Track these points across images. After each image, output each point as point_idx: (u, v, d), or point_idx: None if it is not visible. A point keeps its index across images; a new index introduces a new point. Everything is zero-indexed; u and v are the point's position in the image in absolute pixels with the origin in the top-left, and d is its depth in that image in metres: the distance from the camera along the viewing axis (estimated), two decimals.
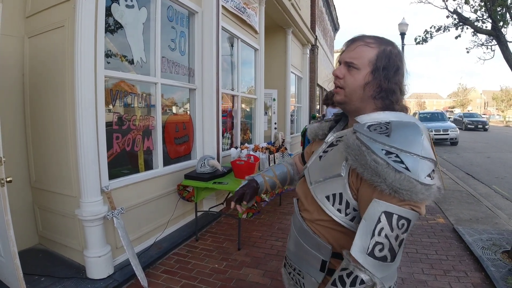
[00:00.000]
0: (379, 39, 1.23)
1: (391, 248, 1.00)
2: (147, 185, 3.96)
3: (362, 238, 1.01)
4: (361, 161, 1.03)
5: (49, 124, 3.50)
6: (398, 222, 0.99)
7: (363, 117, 1.20)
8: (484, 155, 13.21)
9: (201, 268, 3.58)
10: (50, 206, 3.63)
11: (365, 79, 1.19)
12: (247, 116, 7.56)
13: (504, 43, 3.92)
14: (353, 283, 1.02)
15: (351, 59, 1.20)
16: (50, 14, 3.34)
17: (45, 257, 3.61)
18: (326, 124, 1.47)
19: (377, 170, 0.99)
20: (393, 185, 0.97)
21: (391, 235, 0.99)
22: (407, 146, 1.02)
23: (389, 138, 1.04)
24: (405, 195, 0.96)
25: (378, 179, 0.99)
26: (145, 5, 3.98)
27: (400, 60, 1.20)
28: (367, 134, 1.06)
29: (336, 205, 1.16)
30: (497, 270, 3.48)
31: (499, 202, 6.51)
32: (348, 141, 1.09)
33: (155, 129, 4.15)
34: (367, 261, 1.00)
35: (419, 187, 0.96)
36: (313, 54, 13.28)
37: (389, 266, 1.02)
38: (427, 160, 1.01)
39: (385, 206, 0.99)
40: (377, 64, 1.17)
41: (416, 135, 1.05)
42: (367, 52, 1.19)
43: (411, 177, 0.96)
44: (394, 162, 0.98)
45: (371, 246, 0.99)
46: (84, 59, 2.98)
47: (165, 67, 4.35)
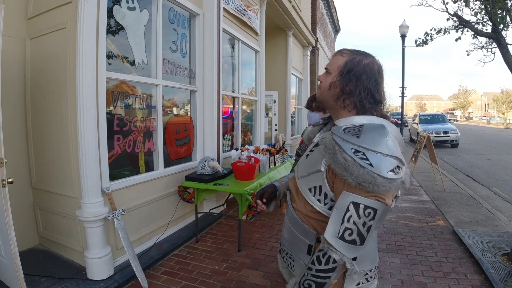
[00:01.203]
0: (355, 51, 1.42)
1: (359, 233, 1.18)
2: (148, 186, 3.97)
3: (333, 224, 1.22)
4: (334, 159, 1.21)
5: (50, 125, 3.50)
6: (364, 211, 1.17)
7: (341, 121, 1.39)
8: (484, 157, 13.21)
9: (201, 270, 3.59)
10: (51, 207, 3.63)
11: (331, 80, 1.38)
12: (247, 117, 7.57)
13: (505, 46, 3.92)
14: (327, 262, 1.23)
15: (327, 66, 1.43)
16: (52, 15, 3.35)
17: (45, 258, 3.62)
18: (316, 128, 1.67)
19: (346, 166, 1.16)
20: (358, 179, 1.14)
21: (358, 222, 1.17)
22: (372, 145, 1.19)
23: (358, 139, 1.22)
24: (368, 187, 1.14)
25: (346, 174, 1.16)
26: (146, 7, 4.00)
27: (367, 69, 1.35)
28: (341, 135, 1.25)
29: (316, 196, 1.36)
30: (497, 272, 3.48)
31: (499, 204, 6.50)
32: (326, 142, 1.27)
33: (156, 130, 4.16)
34: (338, 244, 1.20)
35: (380, 180, 1.13)
36: (313, 56, 13.30)
37: (359, 249, 1.21)
38: (390, 158, 1.18)
39: (353, 197, 1.18)
40: (343, 69, 1.36)
41: (382, 136, 1.23)
42: (339, 60, 1.39)
43: (373, 172, 1.13)
44: (360, 159, 1.16)
45: (341, 231, 1.19)
46: (85, 61, 2.99)
47: (166, 69, 4.37)
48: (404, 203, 6.32)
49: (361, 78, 1.33)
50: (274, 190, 1.76)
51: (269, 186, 1.77)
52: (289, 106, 10.32)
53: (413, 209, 5.92)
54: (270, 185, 1.79)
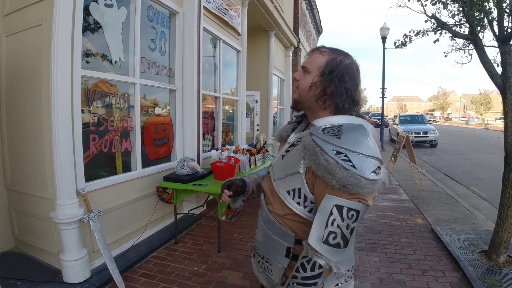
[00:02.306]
0: (334, 49, 1.39)
1: (343, 236, 1.15)
2: (125, 187, 3.89)
3: (317, 229, 1.17)
4: (315, 161, 1.17)
5: (25, 125, 3.41)
6: (348, 213, 1.14)
7: (319, 120, 1.35)
8: (463, 157, 13.49)
9: (180, 271, 3.54)
10: (26, 209, 3.54)
11: (312, 80, 1.35)
12: (229, 117, 7.54)
13: (481, 47, 3.99)
14: (312, 268, 1.18)
15: (305, 64, 1.39)
16: (28, 12, 3.27)
17: (21, 261, 3.54)
18: (289, 126, 1.62)
19: (328, 168, 1.13)
20: (342, 181, 1.11)
21: (342, 224, 1.14)
22: (354, 146, 1.17)
23: (339, 140, 1.18)
24: (352, 189, 1.11)
25: (329, 176, 1.13)
26: (124, 5, 3.92)
27: (349, 70, 1.34)
28: (321, 136, 1.21)
29: (296, 198, 1.31)
30: (475, 270, 3.54)
31: (477, 202, 6.64)
32: (305, 143, 1.22)
33: (133, 130, 4.08)
34: (323, 248, 1.16)
35: (364, 182, 1.11)
36: (296, 57, 13.34)
37: (343, 251, 1.18)
38: (372, 159, 1.16)
39: (336, 200, 1.14)
40: (324, 69, 1.33)
41: (363, 137, 1.21)
42: (319, 58, 1.36)
43: (357, 174, 1.11)
44: (343, 161, 1.13)
45: (326, 235, 1.15)
46: (60, 59, 2.93)
47: (144, 67, 4.30)
48: (384, 202, 6.39)
49: (343, 79, 1.32)
50: (243, 184, 1.71)
51: (238, 179, 1.72)
52: (271, 107, 10.32)
53: (393, 208, 5.99)
54: (239, 178, 1.74)
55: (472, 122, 56.82)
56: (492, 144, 18.72)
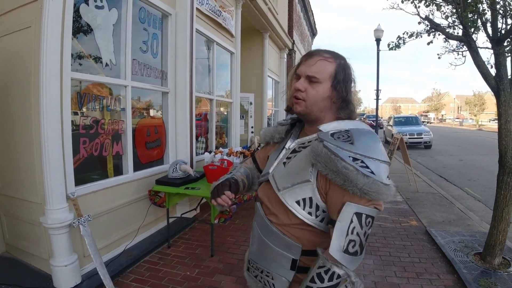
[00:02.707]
0: (334, 53, 1.36)
1: (361, 244, 1.16)
2: (117, 191, 3.84)
3: (338, 238, 1.15)
4: (332, 168, 1.14)
5: (15, 127, 3.37)
6: (366, 220, 1.15)
7: (325, 125, 1.30)
8: (457, 158, 13.54)
9: (173, 276, 3.49)
10: (17, 213, 3.50)
11: (328, 91, 1.30)
12: (223, 119, 7.51)
13: (475, 49, 3.98)
14: (330, 278, 1.16)
15: (313, 73, 1.30)
16: (17, 14, 3.24)
17: (11, 266, 3.51)
18: (282, 128, 1.56)
19: (349, 176, 1.11)
20: (364, 188, 1.10)
21: (361, 232, 1.15)
22: (369, 152, 1.17)
23: (353, 146, 1.17)
24: (374, 196, 1.11)
25: (350, 184, 1.11)
26: (115, 6, 3.88)
27: (353, 74, 1.35)
28: (333, 142, 1.18)
29: (307, 208, 1.26)
30: (469, 272, 3.52)
31: (471, 204, 6.65)
32: (316, 149, 1.19)
33: (124, 133, 4.03)
34: (344, 258, 1.15)
35: (383, 188, 1.12)
36: (290, 59, 13.35)
37: (359, 259, 1.18)
38: (385, 164, 1.18)
39: (356, 207, 1.14)
40: (337, 77, 1.30)
41: (375, 142, 1.22)
42: (327, 66, 1.31)
43: (377, 180, 1.11)
44: (362, 168, 1.12)
45: (346, 244, 1.14)
46: (49, 61, 2.89)
47: (136, 70, 4.25)
48: None
49: (351, 85, 1.33)
50: (236, 182, 1.55)
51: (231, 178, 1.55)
52: (265, 109, 10.29)
53: (387, 209, 5.96)
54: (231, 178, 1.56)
55: (466, 123, 57.21)
56: (486, 145, 18.80)
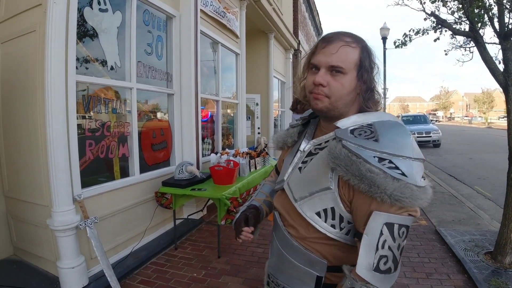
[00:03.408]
0: (355, 36, 1.15)
1: (394, 259, 0.97)
2: (123, 193, 3.85)
3: (367, 255, 0.98)
4: (354, 172, 0.96)
5: (21, 131, 3.40)
6: (399, 231, 0.96)
7: (343, 121, 1.12)
8: (466, 157, 13.40)
9: (179, 278, 3.49)
10: (24, 216, 3.52)
11: (353, 83, 1.11)
12: (229, 121, 7.51)
13: (482, 44, 3.93)
14: None
15: (337, 63, 1.09)
16: (22, 19, 3.27)
17: (19, 269, 3.52)
18: (294, 130, 1.39)
19: (375, 180, 0.93)
20: (395, 195, 0.92)
21: (393, 245, 0.96)
22: (398, 149, 0.97)
23: (378, 144, 0.98)
24: (408, 202, 0.92)
25: (378, 190, 0.93)
26: (119, 9, 3.89)
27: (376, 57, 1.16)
28: (353, 141, 1.00)
29: (329, 220, 1.09)
30: (480, 272, 3.46)
31: (481, 202, 6.56)
32: (334, 151, 1.01)
33: (130, 135, 4.05)
34: (375, 277, 0.97)
35: (418, 192, 0.93)
36: (296, 59, 13.30)
37: (393, 276, 0.99)
38: (419, 161, 0.98)
39: (386, 217, 0.95)
40: (364, 64, 1.11)
41: (405, 136, 1.02)
42: (351, 53, 1.10)
43: (410, 183, 0.92)
44: (390, 169, 0.94)
45: (376, 261, 0.96)
46: (54, 64, 2.91)
47: (141, 72, 4.26)
48: None
49: (375, 70, 1.15)
50: (257, 212, 1.45)
51: (250, 208, 1.46)
52: (271, 109, 10.27)
53: None
54: (251, 207, 1.48)
55: (475, 121, 56.69)
56: (496, 143, 18.60)
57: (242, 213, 1.44)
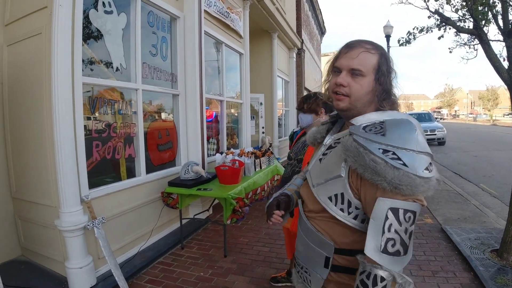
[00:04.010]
0: (374, 44, 1.29)
1: (402, 242, 1.06)
2: (130, 193, 3.88)
3: (374, 237, 1.07)
4: (360, 162, 1.09)
5: (28, 133, 3.42)
6: (405, 215, 1.05)
7: (358, 118, 1.26)
8: (471, 154, 13.34)
9: (186, 277, 3.51)
10: (31, 217, 3.54)
11: (371, 85, 1.24)
12: (234, 121, 7.52)
13: (486, 42, 3.93)
14: (374, 283, 1.06)
15: (357, 66, 1.23)
16: (28, 21, 3.28)
17: (27, 269, 3.54)
18: (323, 127, 1.52)
19: (377, 169, 1.05)
20: (393, 182, 1.03)
21: (400, 229, 1.05)
22: (402, 143, 1.08)
23: (384, 137, 1.10)
24: (406, 190, 1.03)
25: (379, 178, 1.05)
26: (124, 11, 3.92)
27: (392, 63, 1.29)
28: (363, 135, 1.13)
29: (338, 205, 1.21)
30: (486, 269, 3.46)
31: (487, 200, 6.54)
32: (346, 143, 1.14)
33: (136, 136, 4.07)
34: (383, 258, 1.05)
35: (418, 181, 1.03)
36: (299, 58, 13.32)
37: (404, 259, 1.07)
38: (423, 154, 1.08)
39: (390, 202, 1.05)
40: (381, 69, 1.24)
41: (410, 132, 1.12)
42: (370, 59, 1.24)
43: (410, 172, 1.03)
44: (392, 160, 1.04)
45: (383, 243, 1.05)
46: (60, 66, 2.92)
47: (146, 73, 4.29)
48: None
49: (392, 75, 1.28)
50: (288, 200, 1.62)
51: (282, 195, 1.64)
52: (275, 109, 10.29)
53: None
54: (283, 194, 1.65)
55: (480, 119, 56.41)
56: (501, 140, 18.52)
57: (275, 198, 1.61)
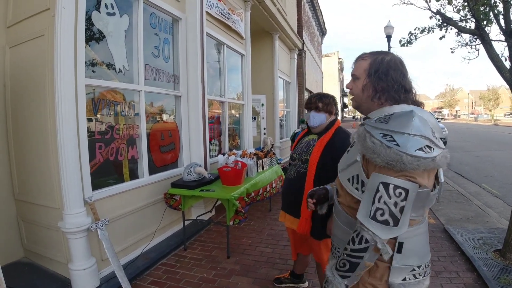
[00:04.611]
0: (375, 52, 1.53)
1: (391, 214, 1.23)
2: (133, 194, 3.89)
3: (365, 205, 1.29)
4: (364, 145, 1.31)
5: (31, 135, 3.42)
6: (394, 191, 1.22)
7: (373, 113, 1.46)
8: (472, 154, 13.33)
9: (190, 278, 3.51)
10: (34, 219, 3.55)
11: (362, 84, 1.48)
12: (235, 122, 7.53)
13: (488, 42, 3.93)
14: (360, 242, 1.28)
15: (353, 72, 1.54)
16: (30, 23, 3.29)
17: (30, 271, 3.54)
18: None
19: (374, 149, 1.26)
20: (384, 159, 1.22)
21: (389, 202, 1.22)
22: (399, 127, 1.27)
23: (387, 124, 1.31)
24: (396, 165, 1.20)
25: (374, 155, 1.25)
26: (126, 13, 3.93)
27: (391, 65, 1.45)
28: (371, 124, 1.35)
29: (354, 184, 1.43)
30: (489, 269, 3.46)
31: (489, 200, 6.53)
32: (358, 131, 1.39)
33: (139, 137, 4.08)
34: (370, 223, 1.26)
35: (408, 159, 1.18)
36: (300, 59, 13.32)
37: (393, 230, 1.24)
38: (418, 137, 1.23)
39: (382, 177, 1.24)
40: (369, 70, 1.46)
41: (408, 119, 1.29)
42: (363, 64, 1.50)
43: (399, 151, 1.19)
44: (388, 141, 1.23)
45: (373, 211, 1.25)
46: (63, 68, 2.93)
47: (149, 74, 4.29)
48: None
49: (388, 73, 1.43)
50: (325, 192, 1.85)
51: (320, 188, 1.88)
52: (277, 110, 10.29)
53: None
54: (322, 187, 1.89)
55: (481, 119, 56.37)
56: (502, 140, 18.51)
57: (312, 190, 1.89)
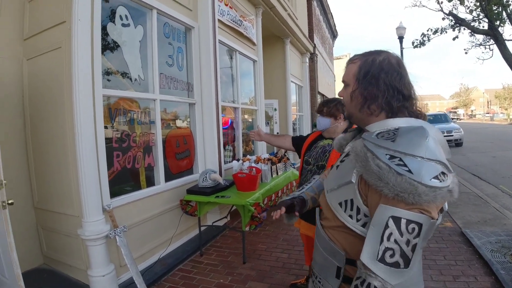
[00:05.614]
0: (366, 53, 1.30)
1: (403, 254, 0.99)
2: (150, 201, 3.95)
3: (371, 244, 1.02)
4: (366, 167, 1.05)
5: (50, 145, 3.50)
6: (407, 226, 0.98)
7: (373, 125, 1.23)
8: (489, 155, 13.11)
9: (206, 284, 3.54)
10: (54, 227, 3.62)
11: (351, 90, 1.28)
12: (249, 127, 7.56)
13: (502, 42, 3.90)
14: None
15: (343, 78, 1.33)
16: (47, 36, 3.37)
17: (49, 277, 3.60)
18: (349, 134, 1.48)
19: (380, 174, 1.00)
20: (395, 189, 0.97)
21: (401, 240, 0.98)
22: (411, 149, 1.02)
23: (393, 143, 1.05)
24: (408, 198, 0.96)
25: (381, 184, 1.00)
26: (141, 23, 4.01)
27: (384, 66, 1.22)
28: (373, 141, 1.09)
29: (348, 211, 1.18)
30: (507, 273, 3.41)
31: (507, 202, 6.42)
32: (356, 149, 1.12)
33: (155, 145, 4.15)
34: (378, 267, 1.00)
35: (422, 189, 0.95)
36: (312, 62, 13.31)
37: (403, 273, 1.01)
38: (433, 162, 1.01)
39: (392, 210, 1.00)
40: (358, 75, 1.25)
41: (421, 138, 1.06)
42: (352, 68, 1.28)
43: (413, 179, 0.96)
44: (397, 166, 0.99)
45: (381, 252, 1.00)
46: (81, 79, 3.01)
47: (164, 83, 4.37)
48: None
49: (379, 77, 1.20)
50: (303, 203, 1.69)
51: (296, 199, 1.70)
52: (290, 114, 10.29)
53: None
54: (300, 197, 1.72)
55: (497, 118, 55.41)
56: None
57: (292, 199, 1.69)
